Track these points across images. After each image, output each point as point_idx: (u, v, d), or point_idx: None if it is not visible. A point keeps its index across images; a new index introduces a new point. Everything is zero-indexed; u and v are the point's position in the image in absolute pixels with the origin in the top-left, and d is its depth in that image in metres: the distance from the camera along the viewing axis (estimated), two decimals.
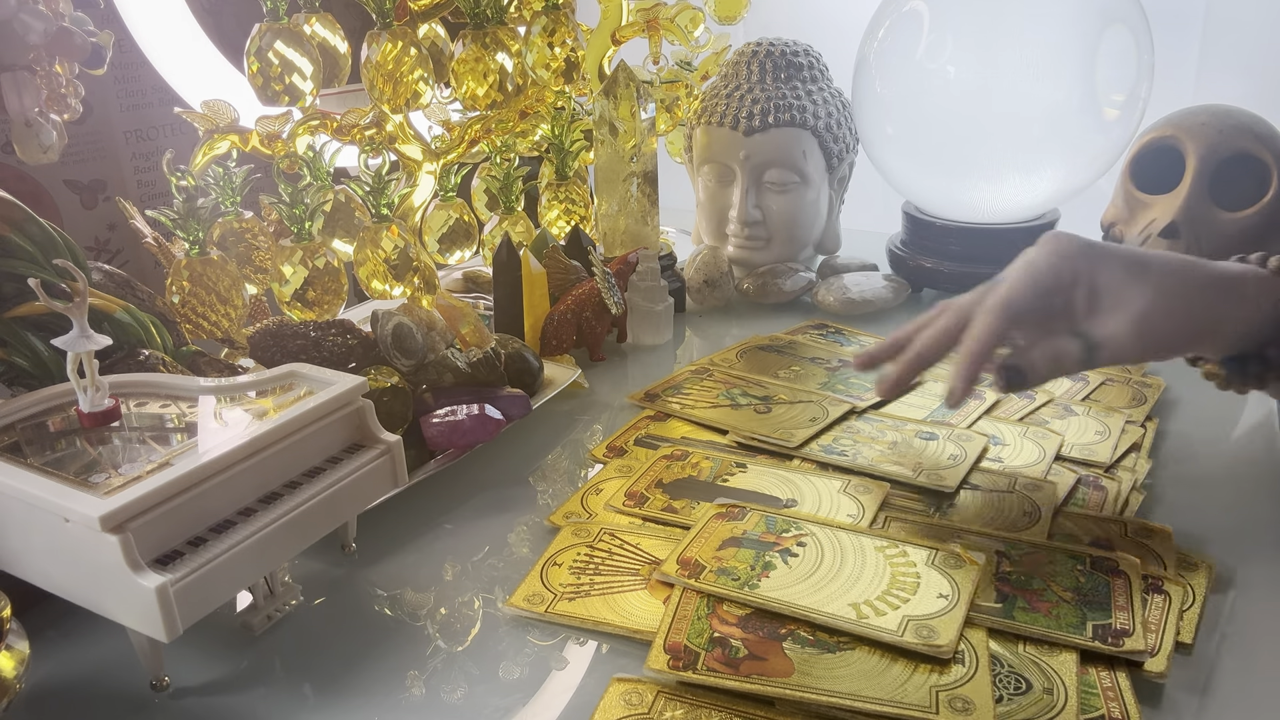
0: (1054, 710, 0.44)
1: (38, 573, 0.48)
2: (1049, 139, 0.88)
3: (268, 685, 0.50)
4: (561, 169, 1.04)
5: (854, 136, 1.03)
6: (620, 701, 0.46)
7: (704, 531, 0.58)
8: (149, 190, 0.98)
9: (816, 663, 0.47)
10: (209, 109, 0.81)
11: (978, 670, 0.46)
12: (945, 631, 0.48)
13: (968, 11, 0.88)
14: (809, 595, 0.51)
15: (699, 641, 0.49)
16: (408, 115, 0.90)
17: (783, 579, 0.53)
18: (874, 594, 0.51)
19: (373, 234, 0.85)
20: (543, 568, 0.57)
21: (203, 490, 0.48)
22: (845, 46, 1.00)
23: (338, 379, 0.56)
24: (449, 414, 0.68)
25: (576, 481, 0.68)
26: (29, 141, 0.67)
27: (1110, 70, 0.86)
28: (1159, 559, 0.55)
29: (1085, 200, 0.96)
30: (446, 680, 0.50)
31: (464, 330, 0.79)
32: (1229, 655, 0.49)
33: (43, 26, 0.63)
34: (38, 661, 0.49)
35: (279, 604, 0.55)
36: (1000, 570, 0.54)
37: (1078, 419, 0.71)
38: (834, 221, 1.06)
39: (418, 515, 0.65)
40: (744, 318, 0.98)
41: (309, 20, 0.88)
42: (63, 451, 0.50)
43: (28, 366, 0.58)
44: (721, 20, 1.09)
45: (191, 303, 0.75)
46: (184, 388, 0.56)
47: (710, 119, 1.01)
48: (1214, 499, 0.63)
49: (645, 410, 0.76)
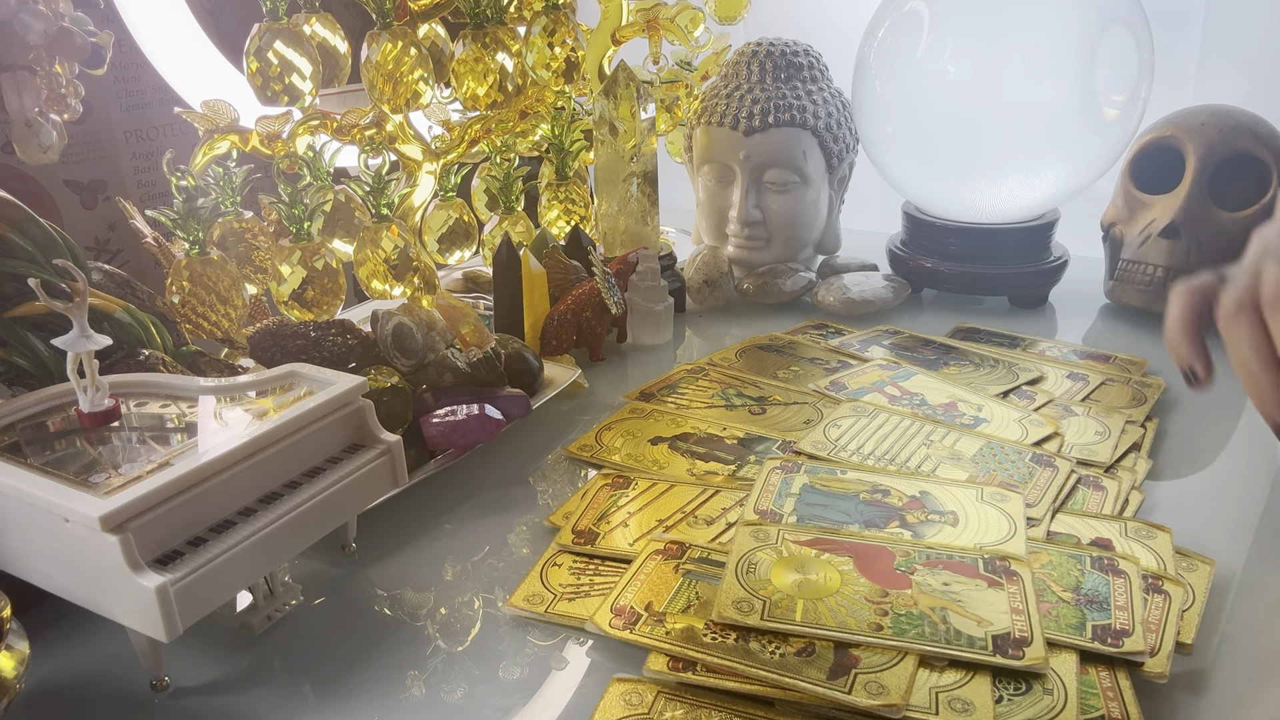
0: (1054, 710, 0.44)
1: (38, 573, 0.48)
2: (1049, 139, 0.88)
3: (268, 685, 0.50)
4: (561, 169, 1.04)
5: (854, 136, 1.03)
6: (620, 701, 0.46)
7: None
8: (149, 190, 0.98)
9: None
10: (209, 109, 0.81)
11: (978, 671, 0.46)
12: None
13: (968, 11, 0.88)
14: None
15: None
16: (408, 115, 0.90)
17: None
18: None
19: (373, 234, 0.85)
20: (543, 568, 0.57)
21: (203, 490, 0.48)
22: (845, 46, 1.00)
23: (338, 379, 0.56)
24: (449, 414, 0.68)
25: (576, 481, 0.68)
26: (29, 141, 0.67)
27: (1110, 70, 0.86)
28: (1159, 559, 0.55)
29: (1085, 200, 0.96)
30: (446, 680, 0.50)
31: (464, 330, 0.79)
32: (1229, 655, 0.49)
33: (43, 26, 0.63)
34: (38, 661, 0.49)
35: (279, 604, 0.55)
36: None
37: (1078, 419, 0.71)
38: (834, 221, 1.06)
39: (418, 515, 0.65)
40: (744, 318, 0.98)
41: (309, 20, 0.87)
42: (63, 451, 0.50)
43: (28, 366, 0.58)
44: (721, 20, 1.09)
45: (191, 303, 0.75)
46: (184, 388, 0.56)
47: (710, 119, 1.01)
48: (1214, 499, 0.63)
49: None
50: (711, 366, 0.83)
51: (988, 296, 1.00)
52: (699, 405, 0.76)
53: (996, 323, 0.93)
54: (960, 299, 1.00)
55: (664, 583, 0.54)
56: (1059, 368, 0.81)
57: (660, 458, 0.69)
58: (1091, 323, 0.94)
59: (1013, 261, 0.96)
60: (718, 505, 0.62)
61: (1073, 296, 0.98)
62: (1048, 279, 0.97)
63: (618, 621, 0.51)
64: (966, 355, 0.84)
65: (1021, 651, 0.47)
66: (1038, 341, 0.87)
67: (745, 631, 0.49)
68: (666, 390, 0.79)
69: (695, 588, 0.53)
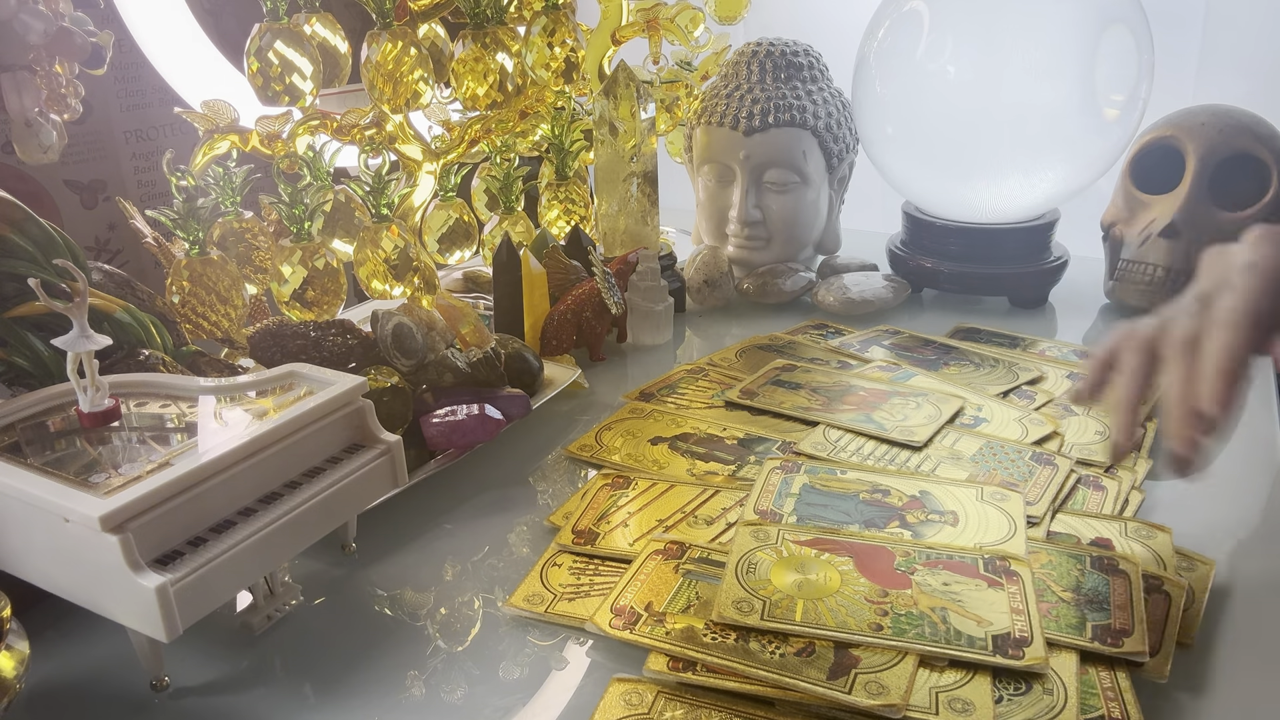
0: (1054, 710, 0.44)
1: (38, 573, 0.48)
2: (1049, 139, 0.88)
3: (268, 685, 0.50)
4: (561, 169, 1.04)
5: (854, 136, 1.03)
6: (620, 701, 0.46)
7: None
8: (149, 190, 0.98)
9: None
10: (209, 109, 0.81)
11: (978, 671, 0.46)
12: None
13: (968, 11, 0.88)
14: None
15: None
16: (408, 115, 0.90)
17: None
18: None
19: (373, 234, 0.85)
20: (543, 568, 0.57)
21: (203, 490, 0.48)
22: (845, 46, 1.00)
23: (338, 379, 0.56)
24: (449, 414, 0.68)
25: (576, 481, 0.68)
26: (29, 141, 0.67)
27: (1110, 70, 0.86)
28: (1159, 559, 0.55)
29: (1085, 200, 0.96)
30: (446, 680, 0.50)
31: (464, 330, 0.79)
32: (1229, 655, 0.49)
33: (43, 26, 0.63)
34: (38, 661, 0.49)
35: (279, 604, 0.55)
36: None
37: (1078, 419, 0.71)
38: (834, 221, 1.06)
39: (418, 515, 0.65)
40: (744, 318, 0.98)
41: (309, 20, 0.88)
42: (63, 451, 0.50)
43: (28, 366, 0.58)
44: (721, 20, 1.09)
45: (191, 303, 0.75)
46: (184, 388, 0.56)
47: (710, 119, 1.01)
48: (1214, 499, 0.63)
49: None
50: (711, 366, 0.83)
51: (988, 296, 1.00)
52: (699, 405, 0.76)
53: (996, 323, 0.93)
54: (960, 299, 1.00)
55: (664, 583, 0.54)
56: (1059, 368, 0.81)
57: (660, 458, 0.69)
58: (1091, 323, 0.94)
59: (1013, 261, 0.96)
60: (718, 505, 0.62)
61: (1073, 296, 0.98)
62: (1048, 279, 0.97)
63: (618, 621, 0.51)
64: (966, 355, 0.84)
65: (1021, 651, 0.47)
66: (1038, 341, 0.87)
67: (745, 631, 0.49)
68: (666, 390, 0.79)
69: (695, 588, 0.53)
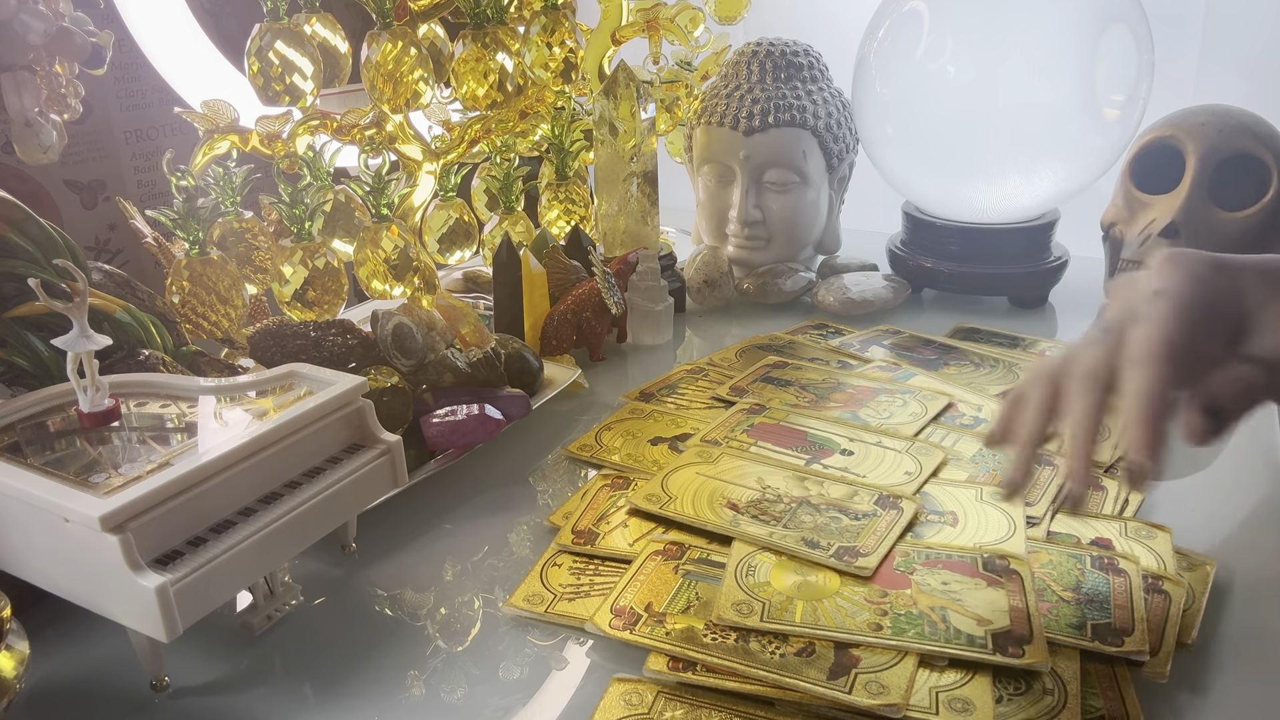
0: (1054, 710, 0.44)
1: (38, 573, 0.48)
2: (1049, 139, 0.88)
3: (268, 685, 0.50)
4: (561, 169, 1.04)
5: (854, 136, 1.03)
6: (620, 701, 0.46)
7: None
8: (149, 190, 0.98)
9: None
10: (209, 109, 0.81)
11: (978, 670, 0.46)
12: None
13: (968, 11, 0.88)
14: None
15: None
16: (408, 115, 0.90)
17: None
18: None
19: (373, 234, 0.85)
20: (543, 568, 0.57)
21: (203, 490, 0.48)
22: (845, 46, 1.00)
23: (338, 379, 0.56)
24: (449, 414, 0.68)
25: (576, 482, 0.68)
26: (29, 141, 0.67)
27: (1110, 70, 0.86)
28: (1159, 559, 0.55)
29: (1085, 200, 0.96)
30: (446, 680, 0.50)
31: (464, 330, 0.79)
32: (1229, 655, 0.49)
33: (43, 26, 0.63)
34: (38, 661, 0.49)
35: (279, 604, 0.55)
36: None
37: None
38: (834, 221, 1.06)
39: (418, 515, 0.65)
40: (744, 318, 0.98)
41: (309, 20, 0.88)
42: (63, 451, 0.50)
43: (28, 366, 0.58)
44: (721, 20, 1.09)
45: (191, 303, 0.75)
46: (184, 388, 0.56)
47: (710, 119, 1.01)
48: (1214, 499, 0.63)
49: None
50: (711, 366, 0.83)
51: (988, 296, 1.00)
52: (699, 406, 0.76)
53: (996, 323, 0.93)
54: (960, 299, 1.00)
55: (664, 583, 0.54)
56: None
57: (660, 458, 0.68)
58: (1091, 323, 0.94)
59: (1013, 261, 0.96)
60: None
61: (1073, 296, 0.98)
62: (1048, 279, 0.97)
63: (618, 622, 0.51)
64: (966, 355, 0.84)
65: (1022, 649, 0.47)
66: (1038, 341, 0.87)
67: (745, 632, 0.49)
68: (666, 390, 0.79)
69: (695, 588, 0.53)
